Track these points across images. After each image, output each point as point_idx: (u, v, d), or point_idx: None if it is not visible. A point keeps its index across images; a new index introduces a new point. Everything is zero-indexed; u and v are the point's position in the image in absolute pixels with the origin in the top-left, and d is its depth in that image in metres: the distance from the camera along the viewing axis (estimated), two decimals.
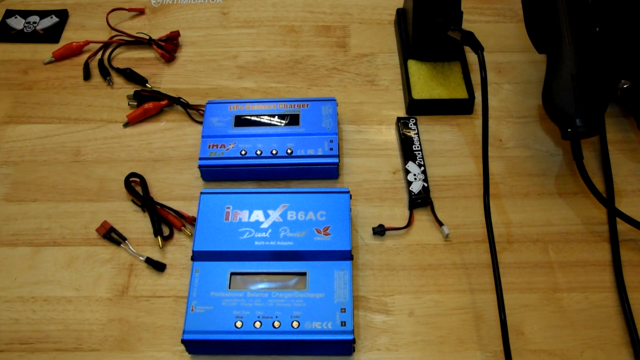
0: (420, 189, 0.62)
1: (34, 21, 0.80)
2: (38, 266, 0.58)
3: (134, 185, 0.63)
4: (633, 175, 0.64)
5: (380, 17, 0.80)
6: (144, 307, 0.56)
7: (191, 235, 0.60)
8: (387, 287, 0.57)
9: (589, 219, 0.61)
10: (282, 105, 0.66)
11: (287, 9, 0.81)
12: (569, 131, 0.56)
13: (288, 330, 0.51)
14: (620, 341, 0.53)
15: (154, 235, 0.59)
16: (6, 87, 0.73)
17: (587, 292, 0.56)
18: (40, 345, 0.54)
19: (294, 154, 0.62)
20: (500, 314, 0.51)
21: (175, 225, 0.60)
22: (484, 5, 0.80)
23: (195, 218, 0.58)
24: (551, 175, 0.64)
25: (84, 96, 0.72)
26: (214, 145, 0.63)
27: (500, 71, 0.73)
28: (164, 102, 0.69)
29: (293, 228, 0.56)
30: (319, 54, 0.76)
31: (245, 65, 0.75)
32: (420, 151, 0.65)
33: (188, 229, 0.60)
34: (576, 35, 0.58)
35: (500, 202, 0.62)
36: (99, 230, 0.59)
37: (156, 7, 0.82)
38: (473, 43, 0.58)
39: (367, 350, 0.53)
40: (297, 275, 0.54)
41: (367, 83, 0.73)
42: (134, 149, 0.67)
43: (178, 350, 0.53)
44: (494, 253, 0.54)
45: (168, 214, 0.61)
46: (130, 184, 0.62)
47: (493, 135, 0.67)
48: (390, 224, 0.60)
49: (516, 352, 0.52)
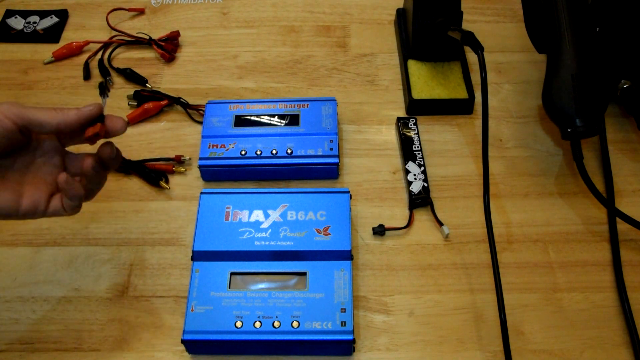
0: (420, 189, 0.62)
1: (34, 21, 0.80)
2: (38, 266, 0.58)
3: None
4: (633, 175, 0.64)
5: (380, 17, 0.80)
6: (144, 307, 0.56)
7: (184, 172, 0.64)
8: (387, 287, 0.57)
9: (589, 219, 0.61)
10: (282, 105, 0.66)
11: (287, 9, 0.81)
12: (569, 131, 0.56)
13: (288, 330, 0.51)
14: (620, 341, 0.53)
15: (153, 184, 0.63)
16: (6, 87, 0.73)
17: (587, 292, 0.56)
18: (40, 345, 0.54)
19: (294, 154, 0.62)
20: (500, 314, 0.51)
21: (167, 171, 0.64)
22: (484, 5, 0.80)
23: (181, 156, 0.64)
24: (551, 175, 0.64)
25: (84, 96, 0.72)
26: (214, 145, 0.63)
27: (500, 71, 0.73)
28: (164, 102, 0.69)
29: (293, 228, 0.56)
30: (319, 54, 0.76)
31: (245, 65, 0.75)
32: (420, 151, 0.65)
33: (180, 167, 0.64)
34: (576, 35, 0.58)
35: (500, 202, 0.62)
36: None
37: (156, 7, 0.82)
38: (473, 43, 0.58)
39: (367, 350, 0.53)
40: (297, 275, 0.54)
41: (367, 83, 0.73)
42: (134, 149, 0.67)
43: (178, 350, 0.53)
44: (494, 253, 0.54)
45: (154, 165, 0.64)
46: None
47: (493, 135, 0.67)
48: (390, 224, 0.60)
49: (516, 352, 0.52)
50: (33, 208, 0.45)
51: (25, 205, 0.45)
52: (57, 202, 0.46)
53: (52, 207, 0.46)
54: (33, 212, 0.45)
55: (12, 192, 0.45)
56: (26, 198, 0.45)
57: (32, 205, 0.45)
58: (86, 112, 0.45)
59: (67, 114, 0.44)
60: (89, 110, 0.45)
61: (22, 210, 0.45)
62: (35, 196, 0.45)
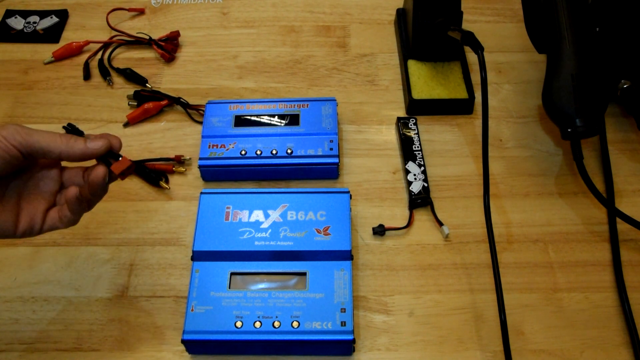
0: (420, 189, 0.62)
1: (34, 21, 0.80)
2: (38, 266, 0.58)
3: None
4: (633, 175, 0.64)
5: (380, 17, 0.80)
6: (144, 307, 0.56)
7: (184, 172, 0.63)
8: (387, 287, 0.57)
9: (589, 219, 0.61)
10: (282, 105, 0.66)
11: (287, 9, 0.81)
12: (569, 131, 0.56)
13: (288, 330, 0.51)
14: (620, 341, 0.53)
15: (153, 184, 0.63)
16: (6, 87, 0.73)
17: (587, 292, 0.56)
18: (40, 345, 0.54)
19: (294, 154, 0.62)
20: (500, 314, 0.51)
21: (167, 170, 0.64)
22: (484, 5, 0.80)
23: (181, 156, 0.64)
24: (551, 175, 0.64)
25: (84, 96, 0.72)
26: (214, 145, 0.63)
27: (500, 71, 0.73)
28: (164, 102, 0.69)
29: (293, 228, 0.56)
30: (319, 54, 0.76)
31: (245, 65, 0.75)
32: (420, 151, 0.65)
33: (180, 167, 0.64)
34: (576, 35, 0.58)
35: (500, 202, 0.62)
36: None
37: (156, 7, 0.82)
38: (473, 43, 0.58)
39: (367, 350, 0.53)
40: (297, 275, 0.54)
41: (367, 83, 0.73)
42: (134, 149, 0.67)
43: (178, 350, 0.53)
44: (494, 253, 0.54)
45: (154, 165, 0.64)
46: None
47: (493, 135, 0.67)
48: (390, 224, 0.60)
49: (516, 352, 0.52)
50: (30, 227, 0.45)
51: (22, 224, 0.44)
52: (54, 215, 0.46)
53: (48, 221, 0.45)
54: (30, 231, 0.45)
55: (10, 213, 0.44)
56: (23, 216, 0.44)
57: (29, 223, 0.44)
58: (93, 151, 0.44)
59: (72, 146, 0.43)
60: (96, 148, 0.44)
61: (19, 230, 0.44)
62: (32, 213, 0.45)
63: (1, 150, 0.41)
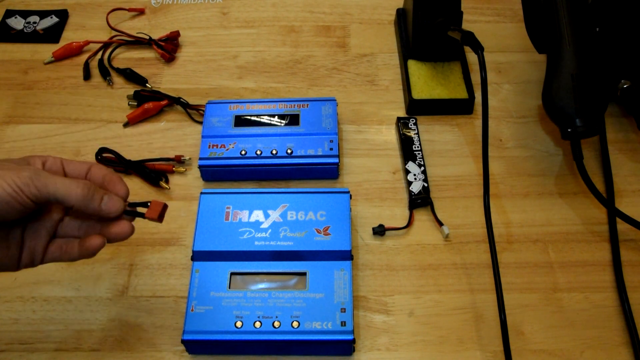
0: (420, 189, 0.62)
1: (34, 21, 0.80)
2: (38, 266, 0.58)
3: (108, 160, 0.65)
4: (633, 175, 0.64)
5: (380, 17, 0.80)
6: (144, 307, 0.56)
7: (184, 172, 0.64)
8: (387, 287, 0.57)
9: (589, 219, 0.61)
10: (282, 105, 0.66)
11: (287, 9, 0.81)
12: (569, 131, 0.56)
13: (288, 330, 0.51)
14: (620, 341, 0.53)
15: (153, 184, 0.63)
16: (6, 87, 0.73)
17: (587, 292, 0.56)
18: (40, 345, 0.54)
19: (294, 154, 0.62)
20: (500, 314, 0.51)
21: (167, 170, 0.64)
22: (484, 5, 0.80)
23: (181, 156, 0.64)
24: (551, 175, 0.64)
25: (84, 96, 0.72)
26: (214, 145, 0.63)
27: (500, 71, 0.73)
28: (164, 102, 0.69)
29: (293, 228, 0.56)
30: (319, 54, 0.76)
31: (245, 65, 0.75)
32: (420, 151, 0.65)
33: (180, 167, 0.64)
34: (576, 35, 0.58)
35: (500, 202, 0.62)
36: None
37: (156, 7, 0.82)
38: (473, 43, 0.58)
39: (367, 350, 0.53)
40: (297, 275, 0.54)
41: (367, 83, 0.73)
42: (134, 149, 0.67)
43: (178, 350, 0.53)
44: (494, 253, 0.54)
45: (154, 165, 0.64)
46: (104, 160, 0.65)
47: (493, 135, 0.67)
48: (390, 224, 0.60)
49: (516, 352, 0.52)
50: (30, 261, 0.44)
51: (24, 259, 0.44)
52: (56, 249, 0.45)
53: (49, 255, 0.45)
54: (30, 265, 0.44)
55: (15, 250, 0.43)
56: (26, 249, 0.44)
57: (30, 258, 0.44)
58: (110, 211, 0.43)
59: (88, 205, 0.42)
60: (112, 210, 0.43)
61: (21, 265, 0.44)
62: (33, 247, 0.44)
63: (15, 202, 0.39)
